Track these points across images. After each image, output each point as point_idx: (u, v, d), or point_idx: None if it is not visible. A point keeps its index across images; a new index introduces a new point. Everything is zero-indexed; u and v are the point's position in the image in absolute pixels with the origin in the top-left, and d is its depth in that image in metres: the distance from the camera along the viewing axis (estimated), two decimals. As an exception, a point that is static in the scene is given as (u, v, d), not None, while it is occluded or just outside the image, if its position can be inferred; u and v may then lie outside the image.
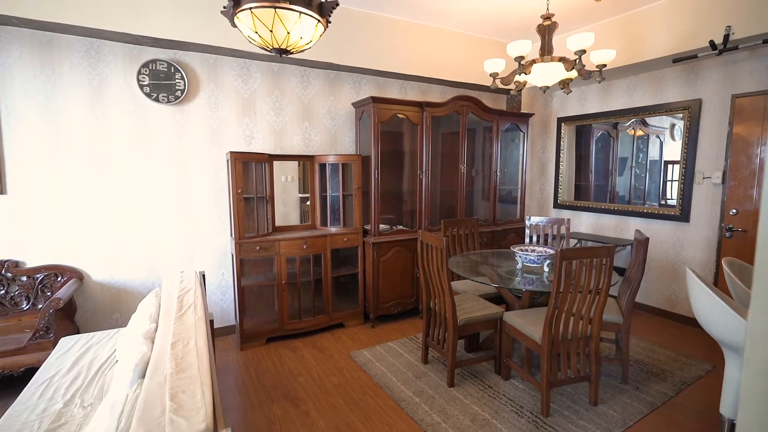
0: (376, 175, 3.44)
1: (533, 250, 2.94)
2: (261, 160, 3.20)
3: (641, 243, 2.50)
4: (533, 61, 2.76)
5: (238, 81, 3.27)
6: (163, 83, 2.98)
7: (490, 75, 2.90)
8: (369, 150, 3.49)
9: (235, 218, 3.01)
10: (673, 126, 3.89)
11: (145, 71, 2.92)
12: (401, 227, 3.81)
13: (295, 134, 3.55)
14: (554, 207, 4.80)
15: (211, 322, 1.87)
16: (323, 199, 3.56)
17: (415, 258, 3.69)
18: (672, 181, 3.93)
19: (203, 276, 2.67)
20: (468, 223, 3.52)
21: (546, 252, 2.81)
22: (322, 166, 3.52)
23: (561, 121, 4.64)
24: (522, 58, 2.66)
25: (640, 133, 4.15)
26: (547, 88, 2.92)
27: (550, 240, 3.58)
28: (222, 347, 3.20)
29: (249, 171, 3.16)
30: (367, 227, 3.62)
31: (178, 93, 3.03)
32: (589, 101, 4.35)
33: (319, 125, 3.65)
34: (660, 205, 3.92)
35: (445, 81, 4.07)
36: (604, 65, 2.71)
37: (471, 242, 3.53)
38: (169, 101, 3.01)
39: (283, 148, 3.51)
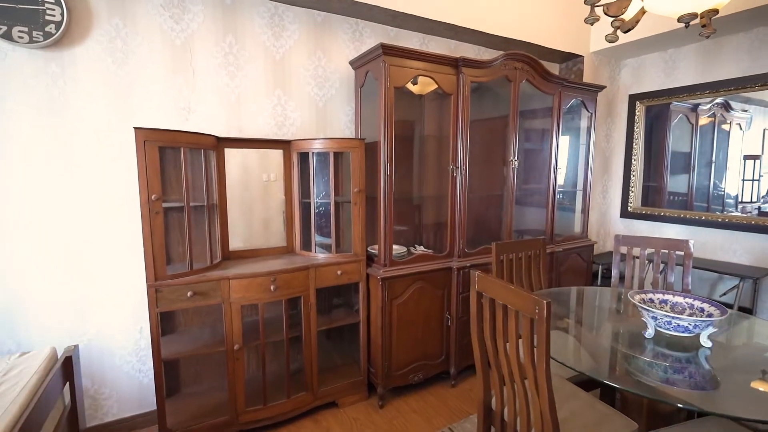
0: (387, 170, 2.18)
1: (673, 305, 1.70)
2: (202, 145, 1.93)
3: None
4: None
5: (164, 16, 2.00)
6: (21, 9, 1.70)
7: (587, 2, 1.68)
8: (376, 132, 2.23)
9: (147, 243, 1.74)
10: (744, 111, 2.92)
11: (-18, -17, 1.64)
12: (423, 249, 2.57)
13: (261, 107, 2.29)
14: (621, 216, 3.58)
15: None
16: (305, 207, 2.30)
17: (446, 296, 2.44)
18: (750, 180, 2.97)
19: (69, 360, 1.40)
20: (531, 245, 2.27)
21: (709, 312, 1.57)
22: (304, 157, 2.26)
23: (634, 99, 3.41)
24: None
25: (721, 119, 3.04)
26: (693, 19, 1.68)
27: (656, 267, 2.34)
28: (134, 455, 1.93)
29: (177, 163, 1.89)
30: (373, 250, 2.37)
31: (51, 29, 1.75)
32: (681, 70, 3.11)
33: (299, 94, 2.39)
34: (744, 212, 2.86)
35: (483, 35, 2.82)
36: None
37: (534, 273, 2.29)
38: (33, 41, 1.73)
39: (242, 128, 2.24)
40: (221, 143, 2.09)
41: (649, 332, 1.58)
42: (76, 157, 1.88)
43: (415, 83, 2.51)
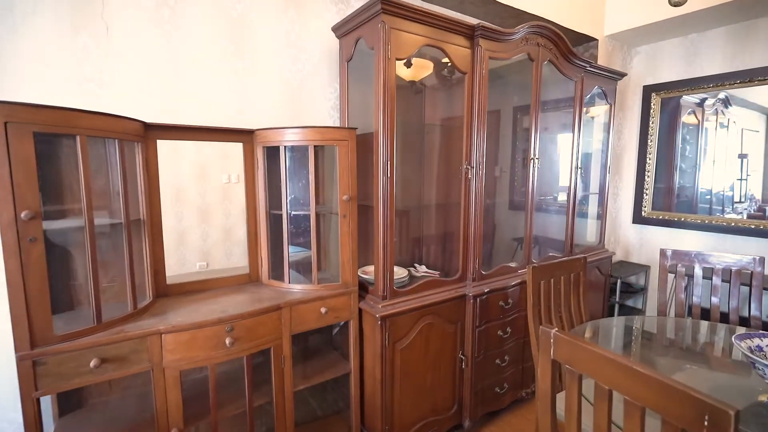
0: (388, 171, 1.62)
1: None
2: (118, 134, 1.28)
3: None
4: None
5: (57, -61, 1.34)
6: None
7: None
8: (368, 122, 1.67)
9: (15, 289, 1.08)
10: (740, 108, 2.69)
11: None
12: (426, 270, 2.03)
13: (211, 83, 1.66)
14: (634, 222, 3.20)
15: None
16: (275, 221, 1.69)
17: (459, 332, 1.91)
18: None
19: None
20: (570, 266, 1.78)
21: None
22: (273, 153, 1.65)
23: (650, 90, 3.04)
24: None
25: (721, 115, 2.80)
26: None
27: (714, 290, 1.92)
28: None
29: (73, 160, 1.23)
30: (364, 275, 1.80)
31: None
32: (705, 57, 2.76)
33: (264, 68, 1.78)
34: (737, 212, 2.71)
35: (493, 5, 2.32)
36: None
37: (574, 300, 1.81)
38: None
39: (182, 111, 1.60)
40: (151, 131, 1.44)
41: (775, 399, 1.12)
42: None
43: (408, 65, 1.99)
